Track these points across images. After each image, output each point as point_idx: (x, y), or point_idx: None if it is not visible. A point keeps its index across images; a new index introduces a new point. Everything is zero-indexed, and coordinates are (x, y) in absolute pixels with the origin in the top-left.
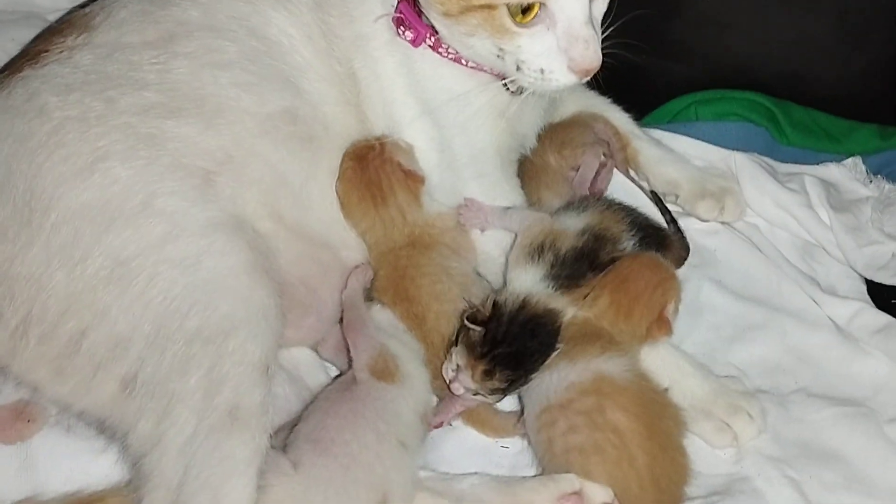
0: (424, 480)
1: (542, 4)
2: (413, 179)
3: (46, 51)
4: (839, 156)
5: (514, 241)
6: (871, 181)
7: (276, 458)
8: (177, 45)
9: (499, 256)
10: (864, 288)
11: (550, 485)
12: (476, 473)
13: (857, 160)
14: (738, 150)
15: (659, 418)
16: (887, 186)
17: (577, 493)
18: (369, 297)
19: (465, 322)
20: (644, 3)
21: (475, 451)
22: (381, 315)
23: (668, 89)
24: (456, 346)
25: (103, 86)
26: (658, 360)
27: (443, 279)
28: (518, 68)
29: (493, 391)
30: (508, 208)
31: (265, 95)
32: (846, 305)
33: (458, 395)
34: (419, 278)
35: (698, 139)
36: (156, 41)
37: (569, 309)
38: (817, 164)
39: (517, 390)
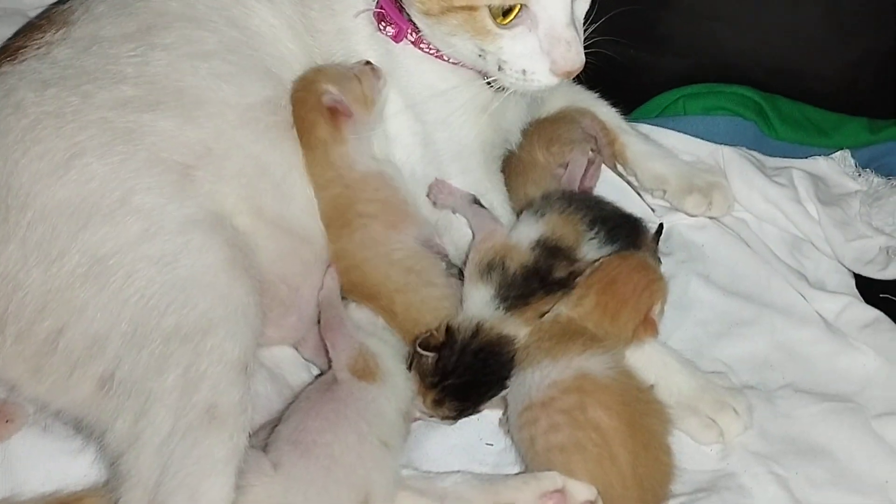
0: (406, 479)
1: (523, 6)
2: (334, 113)
3: (25, 47)
4: (828, 149)
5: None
6: (859, 175)
7: (257, 459)
8: (155, 36)
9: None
10: (852, 282)
11: (533, 483)
12: (458, 472)
13: (846, 154)
14: (726, 144)
15: (641, 416)
16: (876, 180)
17: (560, 491)
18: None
19: (417, 348)
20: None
21: (459, 448)
22: (359, 313)
23: (657, 83)
24: (409, 370)
25: (80, 80)
26: (644, 357)
27: (389, 271)
28: (500, 68)
29: (444, 417)
30: (476, 203)
31: (246, 86)
32: (834, 300)
33: None
34: (370, 273)
35: (686, 133)
36: (134, 33)
37: (522, 331)
38: (806, 157)
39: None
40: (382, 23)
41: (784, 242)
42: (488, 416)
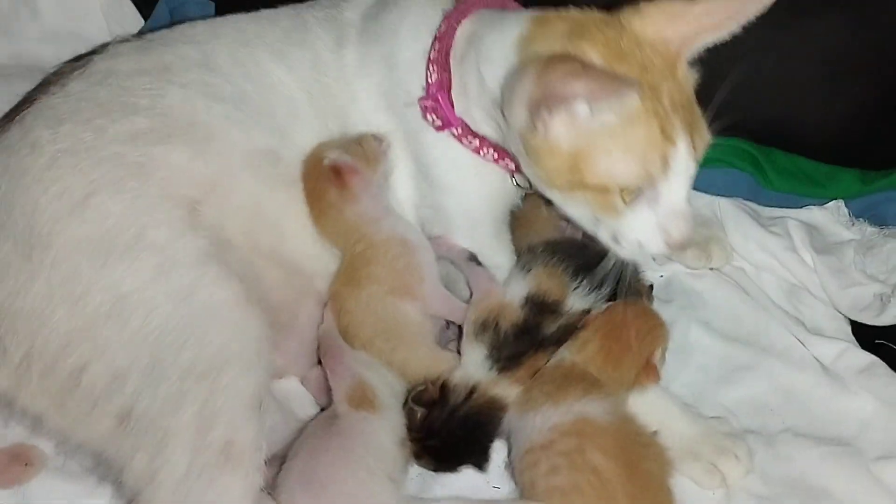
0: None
1: (639, 188)
2: (338, 173)
3: (43, 95)
4: (822, 200)
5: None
6: (853, 224)
7: None
8: (172, 74)
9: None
10: (848, 328)
11: None
12: (453, 497)
13: (840, 203)
14: (722, 195)
15: (640, 459)
16: (869, 229)
17: None
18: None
19: (409, 401)
20: None
21: (466, 491)
22: (359, 353)
23: None
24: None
25: (93, 113)
26: (646, 403)
27: (380, 331)
28: (615, 240)
29: (423, 466)
30: (474, 261)
31: (253, 133)
32: (831, 345)
33: None
34: (362, 326)
35: None
36: (150, 70)
37: (513, 391)
38: (801, 207)
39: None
40: (430, 113)
41: (781, 290)
42: (495, 459)
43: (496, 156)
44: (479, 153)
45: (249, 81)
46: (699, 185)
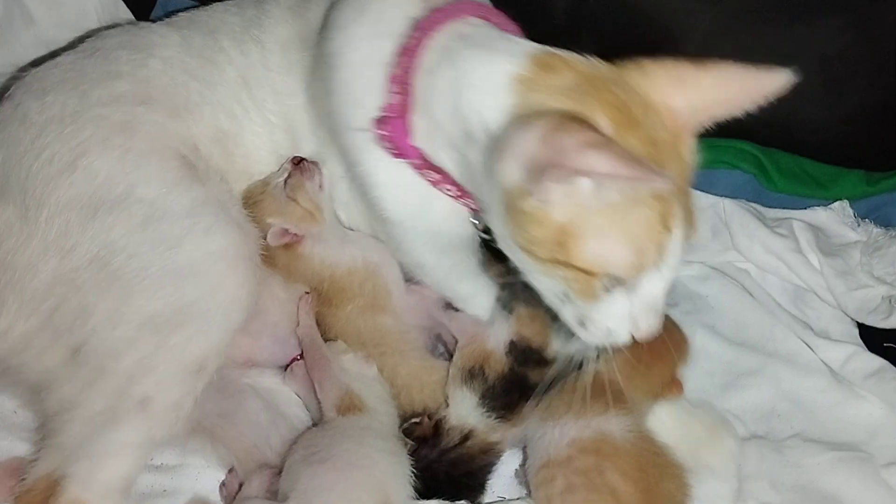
0: None
1: (624, 278)
2: (286, 245)
3: (32, 69)
4: (826, 201)
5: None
6: (858, 225)
7: None
8: (154, 49)
9: None
10: (856, 332)
11: None
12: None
13: (844, 204)
14: (726, 196)
15: (658, 481)
16: (875, 230)
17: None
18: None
19: (402, 433)
20: (630, 52)
21: None
22: (347, 361)
23: None
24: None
25: (78, 81)
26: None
27: (360, 341)
28: (581, 323)
29: None
30: (450, 308)
31: (220, 114)
32: (839, 349)
33: None
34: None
35: None
36: (135, 45)
37: (512, 432)
38: (804, 209)
39: None
40: (385, 142)
41: (786, 293)
42: (502, 470)
43: (457, 193)
44: (440, 189)
45: (216, 68)
46: (702, 186)
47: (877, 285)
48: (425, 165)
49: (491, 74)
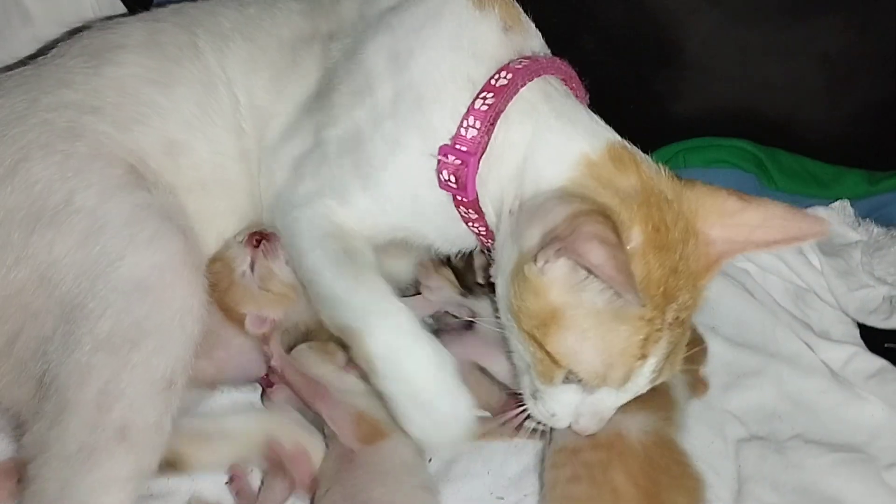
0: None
1: (585, 381)
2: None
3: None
4: (827, 200)
5: None
6: (859, 225)
7: None
8: (112, 53)
9: None
10: (857, 332)
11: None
12: None
13: (845, 203)
14: None
15: (666, 491)
16: (876, 230)
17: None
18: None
19: None
20: (631, 52)
21: (470, 502)
22: (340, 379)
23: (656, 138)
24: None
25: (31, 87)
26: None
27: None
28: (534, 396)
29: None
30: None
31: (170, 122)
32: (840, 350)
33: None
34: None
35: None
36: (94, 52)
37: None
38: (805, 208)
39: None
40: (446, 171)
41: (787, 293)
42: (500, 470)
43: (484, 232)
44: (467, 224)
45: (177, 66)
46: None
47: (878, 285)
48: (471, 206)
49: (567, 147)
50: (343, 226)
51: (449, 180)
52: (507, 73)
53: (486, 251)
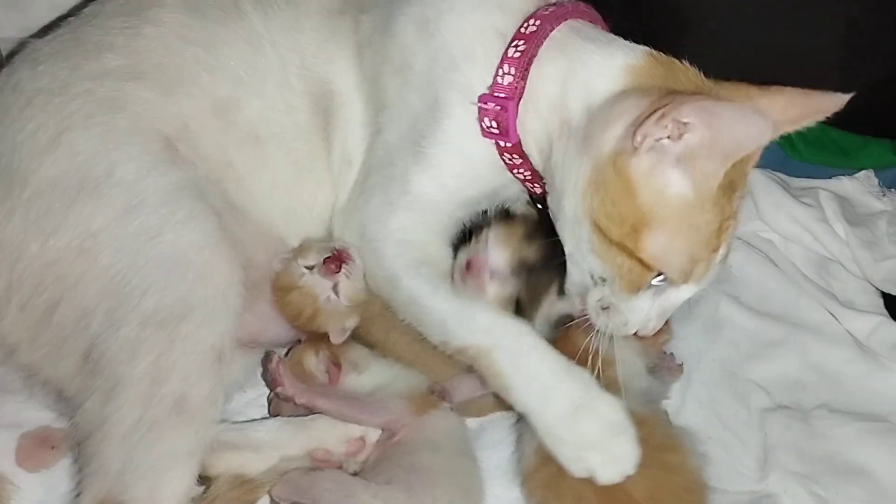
0: (220, 434)
1: (672, 280)
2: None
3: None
4: (852, 170)
5: None
6: (884, 195)
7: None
8: (151, 12)
9: None
10: (881, 302)
11: (341, 427)
12: (269, 419)
13: (870, 173)
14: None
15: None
16: None
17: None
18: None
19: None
20: (650, 21)
21: (499, 469)
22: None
23: None
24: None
25: (71, 52)
26: None
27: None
28: (602, 307)
29: None
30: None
31: (219, 80)
32: (865, 320)
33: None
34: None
35: None
36: (132, 9)
37: None
38: (829, 178)
39: None
40: (489, 118)
41: (811, 263)
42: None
43: (530, 177)
44: (512, 171)
45: (223, 27)
46: None
47: None
48: (514, 150)
49: (607, 60)
50: (416, 236)
51: (491, 127)
52: (536, 20)
53: (531, 198)
